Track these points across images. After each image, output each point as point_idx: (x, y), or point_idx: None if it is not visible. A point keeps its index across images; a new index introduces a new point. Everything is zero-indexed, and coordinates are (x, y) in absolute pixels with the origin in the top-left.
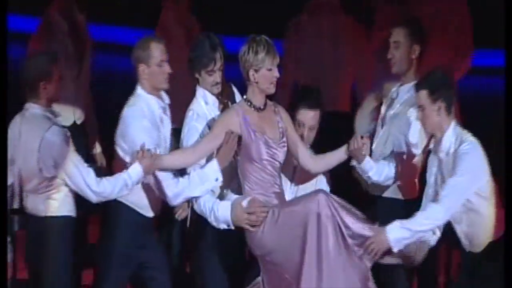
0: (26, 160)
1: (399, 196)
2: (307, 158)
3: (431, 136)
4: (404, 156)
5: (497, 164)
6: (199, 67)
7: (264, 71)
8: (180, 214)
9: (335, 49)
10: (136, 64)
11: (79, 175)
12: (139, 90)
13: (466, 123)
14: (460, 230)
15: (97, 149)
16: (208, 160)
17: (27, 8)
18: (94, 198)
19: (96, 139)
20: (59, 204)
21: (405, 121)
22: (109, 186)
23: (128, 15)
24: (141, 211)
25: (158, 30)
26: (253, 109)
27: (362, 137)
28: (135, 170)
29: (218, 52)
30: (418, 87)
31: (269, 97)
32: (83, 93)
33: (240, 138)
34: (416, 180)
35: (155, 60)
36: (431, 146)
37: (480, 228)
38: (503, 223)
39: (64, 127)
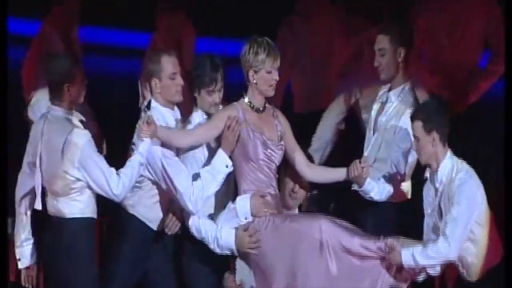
0: (50, 162)
1: (391, 199)
2: (303, 165)
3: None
4: (398, 162)
5: (497, 168)
6: (199, 86)
7: (263, 73)
8: (170, 229)
9: (328, 49)
10: (148, 79)
11: (103, 177)
12: (153, 103)
13: (466, 126)
14: (458, 258)
15: (103, 151)
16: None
17: (27, 11)
18: (117, 199)
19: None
20: (83, 206)
21: (399, 128)
22: (127, 178)
23: (125, 17)
24: (149, 224)
25: (157, 34)
26: (252, 109)
27: (360, 161)
28: (144, 145)
29: (219, 73)
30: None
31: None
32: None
33: (238, 135)
34: (409, 183)
35: (166, 73)
36: (427, 175)
37: (477, 257)
38: (499, 251)
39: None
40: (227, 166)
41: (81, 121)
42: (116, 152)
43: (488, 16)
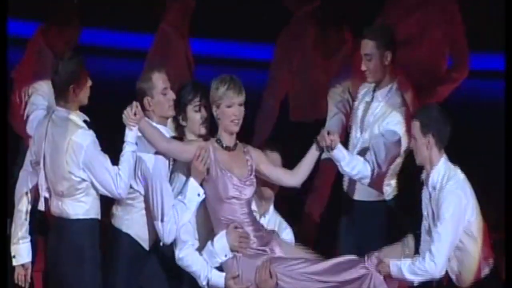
0: (54, 162)
1: (378, 198)
2: (286, 177)
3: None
4: (379, 150)
5: (497, 168)
6: (184, 102)
7: (223, 107)
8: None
9: (327, 58)
10: (140, 98)
11: (109, 177)
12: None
13: (466, 127)
14: (449, 266)
15: None
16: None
17: (28, 12)
18: (120, 198)
19: None
20: (88, 207)
21: (387, 126)
22: (126, 174)
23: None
24: (142, 243)
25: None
26: (222, 148)
27: (328, 133)
28: (132, 134)
29: (200, 91)
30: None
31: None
32: None
33: (208, 170)
34: (394, 182)
35: (158, 89)
36: (423, 177)
37: (467, 266)
38: (489, 261)
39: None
40: (199, 195)
41: (85, 121)
42: (117, 153)
43: (449, 24)
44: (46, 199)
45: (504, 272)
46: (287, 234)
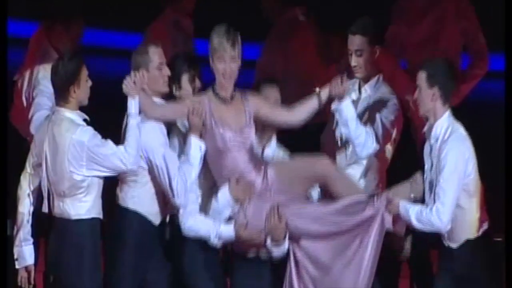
0: (55, 163)
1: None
2: (285, 115)
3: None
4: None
5: (497, 168)
6: (179, 72)
7: (215, 60)
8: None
9: (309, 69)
10: (135, 70)
11: (116, 159)
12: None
13: (466, 127)
14: None
15: None
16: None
17: (28, 13)
18: (132, 170)
19: None
20: (90, 206)
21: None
22: (133, 147)
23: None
24: (150, 218)
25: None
26: (219, 100)
27: (341, 80)
28: (135, 105)
29: (195, 62)
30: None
31: None
32: None
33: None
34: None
35: (154, 63)
36: (425, 129)
37: (460, 223)
38: (483, 224)
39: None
40: (200, 148)
41: (85, 120)
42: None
43: (465, 19)
44: (48, 201)
45: (505, 272)
46: None
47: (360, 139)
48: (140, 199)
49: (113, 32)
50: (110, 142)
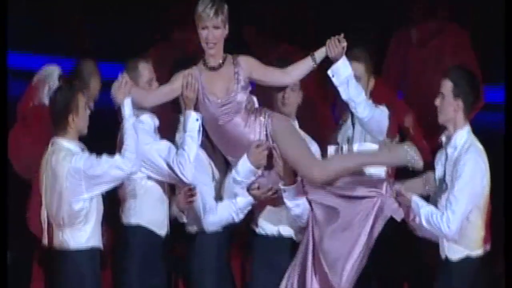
0: (54, 193)
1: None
2: (279, 75)
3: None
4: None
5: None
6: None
7: (199, 29)
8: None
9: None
10: None
11: (115, 169)
12: None
13: None
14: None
15: None
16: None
17: (27, 45)
18: (135, 173)
19: None
20: (89, 235)
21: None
22: (131, 150)
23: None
24: (153, 228)
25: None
26: (208, 69)
27: (338, 40)
28: (128, 107)
29: None
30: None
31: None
32: None
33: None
34: None
35: (144, 78)
36: (443, 139)
37: (464, 236)
38: (486, 245)
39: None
40: (197, 120)
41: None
42: None
43: (462, 53)
44: (48, 232)
45: (504, 272)
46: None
47: (361, 98)
48: (140, 210)
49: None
50: (104, 157)
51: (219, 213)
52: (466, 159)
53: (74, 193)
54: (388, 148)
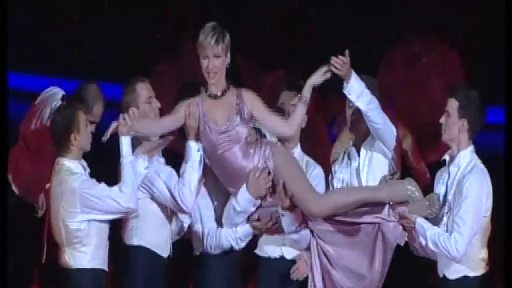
0: (54, 212)
1: None
2: (283, 126)
3: None
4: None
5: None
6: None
7: (201, 58)
8: None
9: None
10: (126, 110)
11: (110, 200)
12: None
13: None
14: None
15: None
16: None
17: (27, 66)
18: (131, 210)
19: None
20: (90, 257)
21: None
22: (129, 186)
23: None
24: (156, 250)
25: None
26: (209, 97)
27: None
28: (127, 145)
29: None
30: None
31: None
32: None
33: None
34: None
35: (142, 98)
36: (446, 157)
37: (465, 255)
38: (485, 266)
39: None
40: (198, 150)
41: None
42: None
43: (451, 74)
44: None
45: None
46: (317, 174)
47: (375, 104)
48: (142, 232)
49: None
50: (102, 184)
51: (219, 238)
52: (471, 180)
53: (69, 213)
54: (388, 185)
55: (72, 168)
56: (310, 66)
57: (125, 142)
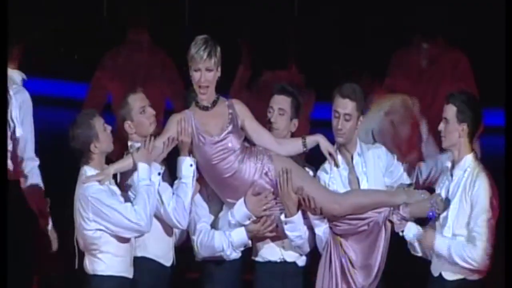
0: (75, 218)
1: None
2: (274, 143)
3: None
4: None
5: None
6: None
7: (192, 71)
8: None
9: None
10: (122, 124)
11: (120, 216)
12: (129, 144)
13: None
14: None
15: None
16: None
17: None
18: (144, 230)
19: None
20: (105, 266)
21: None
22: (141, 206)
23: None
24: (159, 260)
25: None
26: (200, 109)
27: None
28: (142, 171)
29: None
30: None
31: None
32: None
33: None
34: None
35: (136, 109)
36: (447, 164)
37: (465, 258)
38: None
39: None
40: (191, 165)
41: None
42: None
43: (462, 81)
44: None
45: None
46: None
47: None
48: (145, 243)
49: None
50: (117, 197)
51: (211, 238)
52: (481, 188)
53: (84, 220)
54: (406, 192)
55: (90, 176)
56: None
57: (141, 168)
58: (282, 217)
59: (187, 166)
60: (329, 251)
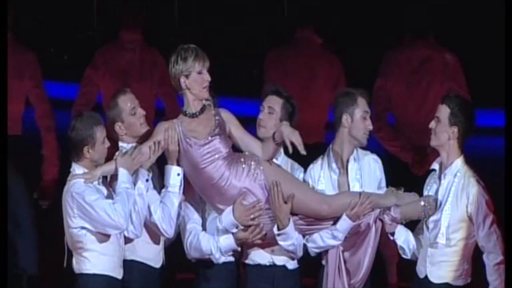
0: (63, 215)
1: None
2: (257, 149)
3: None
4: None
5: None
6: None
7: (194, 75)
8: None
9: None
10: (112, 126)
11: (103, 213)
12: (120, 145)
13: None
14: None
15: None
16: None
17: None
18: (123, 227)
19: None
20: (92, 263)
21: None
22: (120, 205)
23: None
24: (149, 263)
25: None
26: (187, 116)
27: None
28: (122, 174)
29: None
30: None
31: None
32: None
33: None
34: None
35: (126, 111)
36: (435, 166)
37: (449, 261)
38: (468, 277)
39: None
40: (178, 174)
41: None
42: None
43: (452, 81)
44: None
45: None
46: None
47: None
48: (134, 246)
49: None
50: (100, 195)
51: (200, 240)
52: (475, 195)
53: (69, 217)
54: (395, 194)
55: (79, 175)
56: None
57: (121, 173)
58: (275, 230)
59: (174, 175)
60: (335, 257)
